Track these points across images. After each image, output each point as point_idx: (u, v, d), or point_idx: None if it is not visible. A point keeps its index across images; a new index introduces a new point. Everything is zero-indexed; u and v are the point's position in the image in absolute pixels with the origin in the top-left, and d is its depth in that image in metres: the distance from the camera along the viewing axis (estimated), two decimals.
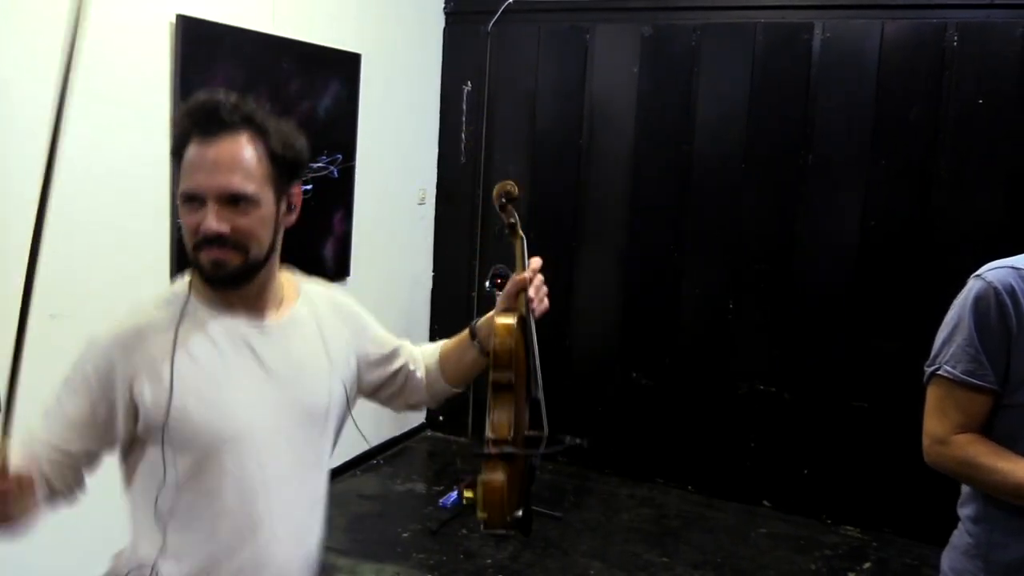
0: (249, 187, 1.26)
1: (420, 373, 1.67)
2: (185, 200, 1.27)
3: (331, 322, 1.49)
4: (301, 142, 1.35)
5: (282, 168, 1.31)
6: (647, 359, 4.44)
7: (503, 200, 1.72)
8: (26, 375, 1.17)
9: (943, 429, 1.55)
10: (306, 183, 3.47)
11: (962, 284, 3.94)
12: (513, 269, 1.73)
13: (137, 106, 2.96)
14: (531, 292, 1.57)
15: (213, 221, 1.24)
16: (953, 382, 1.53)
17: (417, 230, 4.76)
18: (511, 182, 1.73)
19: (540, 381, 1.55)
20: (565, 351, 4.61)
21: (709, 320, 4.31)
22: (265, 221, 1.29)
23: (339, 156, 4.01)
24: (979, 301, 1.52)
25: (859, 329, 4.02)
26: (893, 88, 3.91)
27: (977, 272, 1.56)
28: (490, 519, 1.38)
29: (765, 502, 4.25)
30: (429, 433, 5.01)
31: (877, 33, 3.92)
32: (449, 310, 4.84)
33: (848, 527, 4.07)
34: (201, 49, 3.17)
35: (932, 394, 1.59)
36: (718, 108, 4.22)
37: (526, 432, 1.52)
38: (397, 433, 4.73)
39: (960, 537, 1.62)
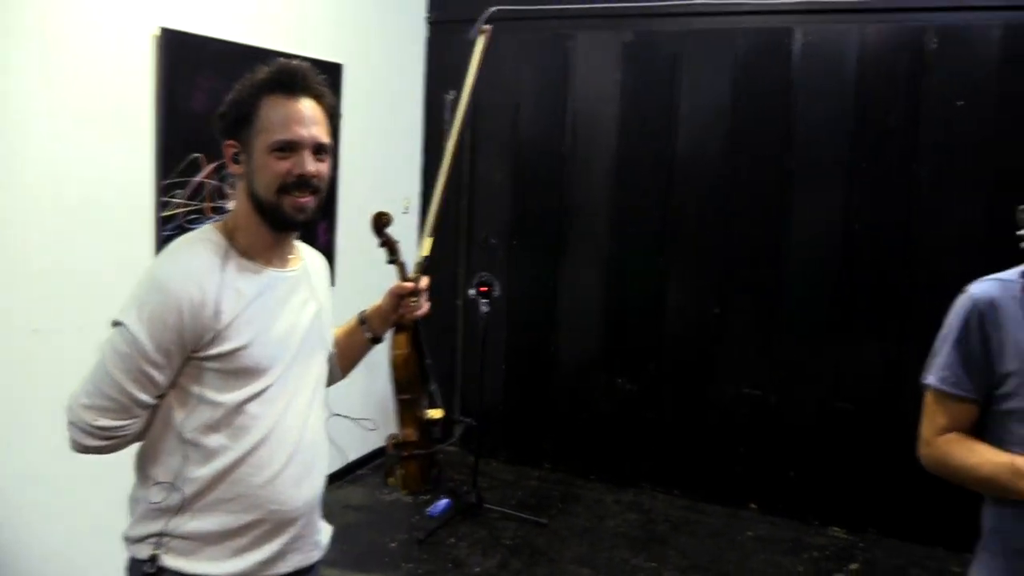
0: (328, 139, 1.51)
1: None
2: (276, 148, 1.45)
3: (323, 285, 1.72)
4: (337, 105, 1.58)
5: (334, 128, 1.54)
6: (632, 365, 4.45)
7: (380, 227, 1.98)
8: (9, 389, 1.17)
9: (930, 432, 1.65)
10: None
11: (944, 287, 3.99)
12: (496, 277, 2.02)
13: (120, 119, 2.95)
14: (410, 300, 1.81)
15: (312, 165, 1.47)
16: (936, 391, 1.63)
17: (402, 239, 4.73)
18: (383, 211, 1.97)
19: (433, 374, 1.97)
20: (550, 358, 4.62)
21: (694, 325, 4.33)
22: (329, 171, 1.54)
23: None
24: (962, 314, 1.60)
25: (843, 332, 4.05)
26: (873, 91, 3.95)
27: (967, 286, 1.63)
28: (412, 492, 2.05)
29: (751, 505, 4.27)
30: None
31: (856, 37, 3.96)
32: (435, 318, 4.82)
33: (835, 528, 4.10)
34: (184, 61, 3.17)
35: (925, 400, 1.68)
36: (700, 114, 4.25)
37: (426, 417, 1.93)
38: (383, 443, 4.71)
39: (981, 550, 1.67)
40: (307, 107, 1.48)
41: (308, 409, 1.57)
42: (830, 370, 4.08)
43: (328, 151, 1.52)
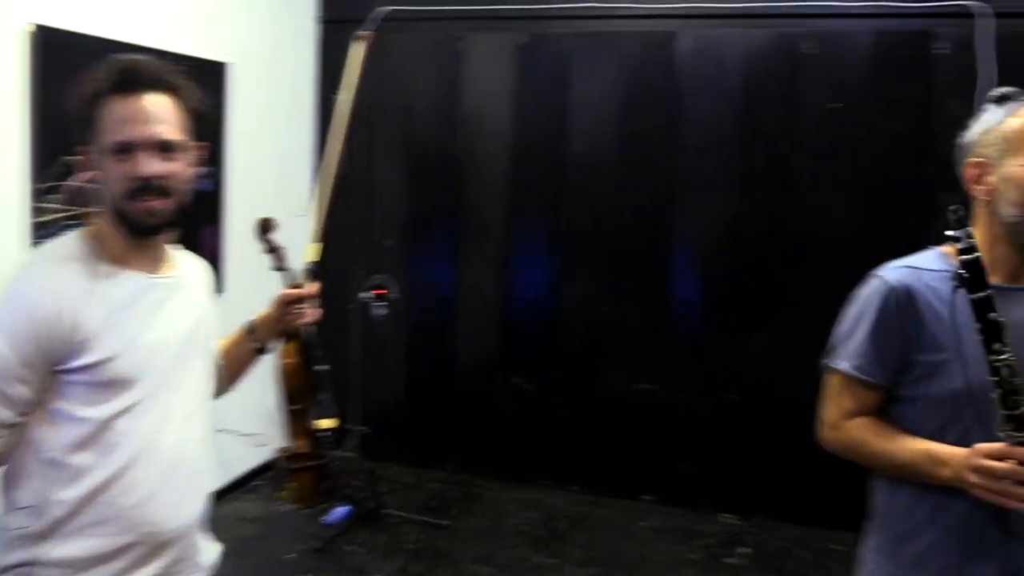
0: (178, 136, 1.42)
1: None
2: (116, 151, 1.38)
3: (203, 292, 1.66)
4: (203, 99, 1.50)
5: (194, 122, 1.46)
6: (529, 364, 4.50)
7: (264, 233, 1.94)
8: None
9: (836, 415, 1.65)
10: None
11: (822, 280, 4.18)
12: (393, 279, 2.00)
13: None
14: (296, 308, 1.77)
15: (156, 165, 1.39)
16: (846, 376, 1.62)
17: (296, 244, 4.64)
18: (267, 217, 1.94)
19: (325, 382, 1.89)
20: (449, 359, 4.62)
21: (588, 323, 4.41)
22: (186, 170, 1.45)
23: (208, 169, 3.89)
24: (878, 300, 1.59)
25: (729, 326, 4.20)
26: (755, 93, 4.10)
27: (877, 271, 1.63)
28: (305, 505, 1.87)
29: (647, 497, 4.38)
30: None
31: (739, 42, 4.11)
32: (329, 324, 4.73)
33: (725, 515, 4.24)
34: (59, 59, 3.02)
35: (829, 383, 1.67)
36: (592, 116, 4.33)
37: (317, 427, 1.86)
38: (276, 455, 4.60)
39: (870, 534, 1.69)
40: (151, 103, 1.40)
41: (188, 423, 1.51)
42: (718, 363, 4.23)
43: (180, 148, 1.43)
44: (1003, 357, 1.39)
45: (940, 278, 1.54)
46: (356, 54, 2.49)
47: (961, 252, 1.44)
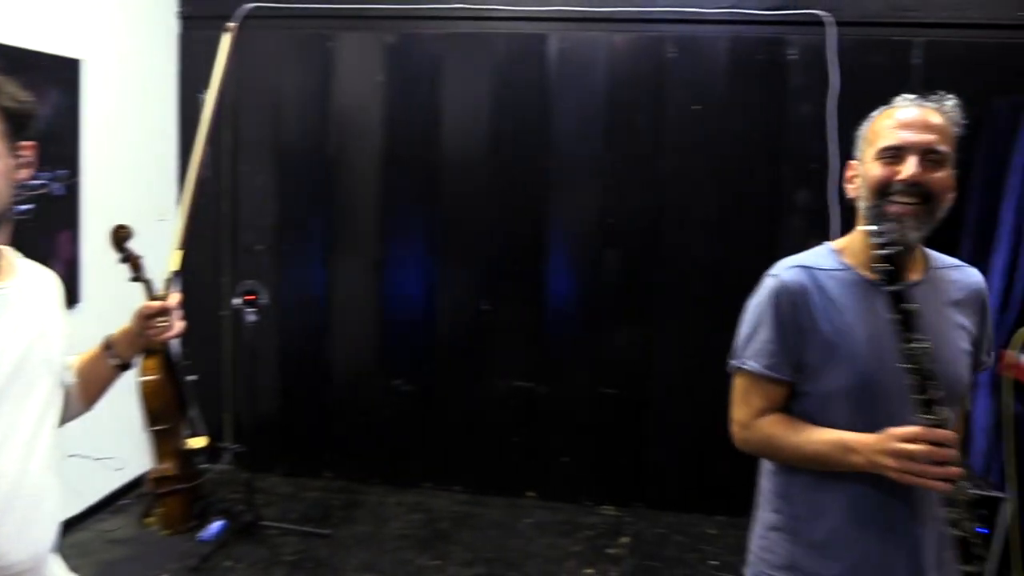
0: None
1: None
2: None
3: (49, 304, 1.53)
4: (28, 95, 1.39)
5: (12, 122, 1.35)
6: (407, 365, 4.48)
7: (119, 242, 1.82)
8: None
9: (747, 415, 1.69)
10: (25, 202, 3.14)
11: (688, 275, 4.34)
12: (264, 284, 1.89)
13: None
14: (158, 321, 1.64)
15: None
16: (755, 375, 1.66)
17: (158, 249, 4.44)
18: (122, 224, 1.81)
19: (192, 398, 1.77)
20: (324, 364, 4.53)
21: (465, 323, 4.42)
22: (3, 174, 1.34)
23: (63, 171, 3.67)
24: (774, 300, 1.64)
25: (602, 321, 4.31)
26: (622, 95, 4.22)
27: (772, 271, 1.68)
28: (175, 532, 1.78)
29: (529, 493, 4.43)
30: None
31: (605, 45, 4.21)
32: (199, 332, 4.53)
33: (606, 507, 4.35)
34: None
35: (737, 384, 1.71)
36: (463, 115, 4.34)
37: (186, 448, 1.77)
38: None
39: (765, 513, 1.73)
40: None
41: (29, 448, 1.39)
42: (593, 358, 4.33)
43: None
44: (918, 345, 1.46)
45: (831, 275, 1.61)
46: (224, 47, 2.40)
47: (881, 247, 1.50)
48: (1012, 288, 3.34)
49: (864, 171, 1.61)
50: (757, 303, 1.68)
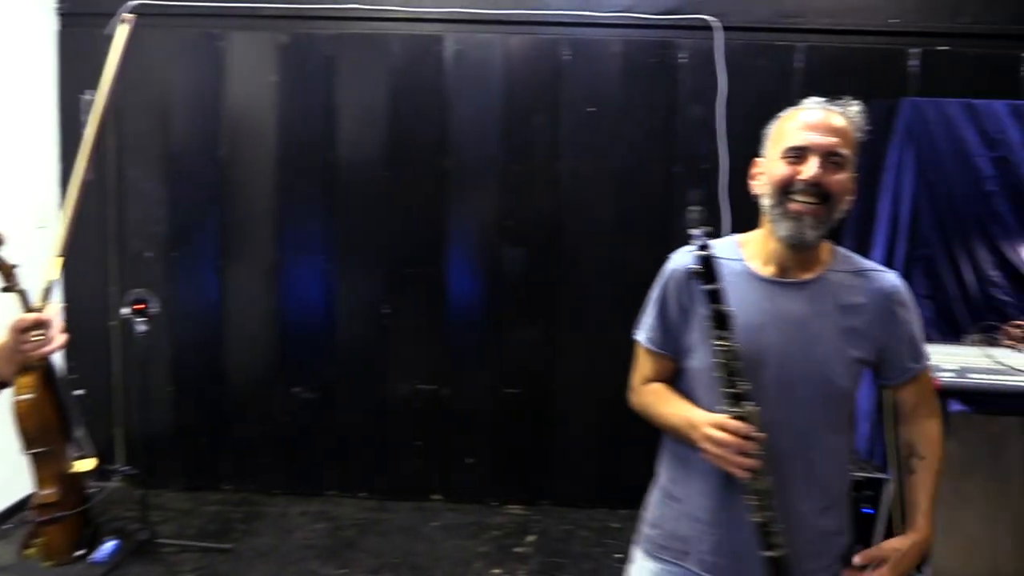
0: None
1: None
2: None
3: None
4: None
5: None
6: (308, 372, 4.39)
7: None
8: None
9: (635, 380, 1.84)
10: None
11: (586, 273, 4.42)
12: (154, 292, 1.75)
13: None
14: (34, 335, 1.50)
15: None
16: (642, 346, 1.81)
17: (37, 260, 4.22)
18: None
19: (77, 416, 1.65)
20: (220, 374, 4.39)
21: (366, 326, 4.36)
22: None
23: None
24: (664, 280, 1.77)
25: (504, 320, 4.33)
26: (518, 97, 4.25)
27: (673, 254, 1.78)
28: (58, 564, 1.63)
29: (435, 496, 4.42)
30: None
31: (501, 46, 4.23)
32: (86, 344, 4.33)
33: (512, 506, 4.37)
34: None
35: (636, 352, 1.84)
36: (360, 116, 4.28)
37: (71, 471, 1.64)
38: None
39: (654, 487, 1.85)
40: None
41: None
42: (496, 358, 4.34)
43: None
44: (726, 344, 1.56)
45: (724, 264, 1.67)
46: (119, 40, 2.27)
47: (698, 248, 1.58)
48: None
49: (768, 169, 1.67)
50: (656, 281, 1.80)
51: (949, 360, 3.12)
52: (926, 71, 4.13)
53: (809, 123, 1.63)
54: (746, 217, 1.84)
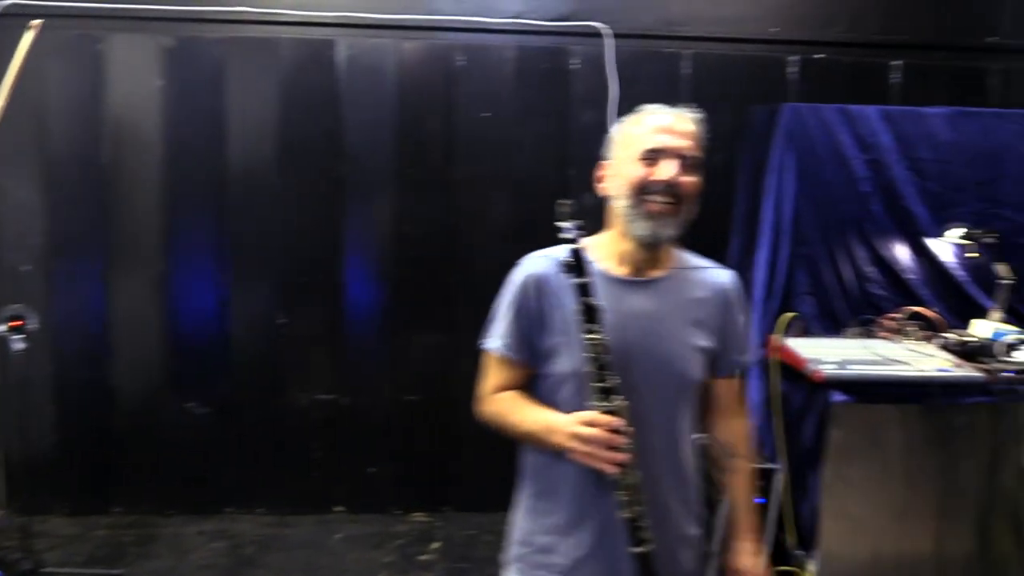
0: None
1: None
2: None
3: None
4: None
5: None
6: (200, 386, 4.25)
7: None
8: None
9: (484, 390, 1.82)
10: None
11: (483, 277, 4.41)
12: (32, 308, 1.63)
13: None
14: None
15: None
16: (493, 354, 1.78)
17: None
18: None
19: None
20: (106, 391, 4.20)
21: (261, 337, 4.25)
22: None
23: None
24: (515, 286, 1.76)
25: (402, 328, 4.30)
26: (413, 103, 4.23)
27: (521, 260, 1.79)
28: None
29: (337, 508, 4.34)
30: None
31: (395, 52, 4.21)
32: None
33: (416, 514, 4.34)
34: None
35: (484, 361, 1.82)
36: (250, 122, 4.18)
37: None
38: None
39: (520, 491, 1.86)
40: None
41: None
42: (395, 365, 4.31)
43: None
44: (596, 337, 1.58)
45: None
46: (23, 45, 2.15)
47: (567, 242, 1.62)
48: (774, 279, 3.66)
49: (621, 171, 1.71)
50: (505, 290, 1.79)
51: (831, 353, 3.26)
52: (804, 77, 4.33)
53: (663, 127, 1.69)
54: None
